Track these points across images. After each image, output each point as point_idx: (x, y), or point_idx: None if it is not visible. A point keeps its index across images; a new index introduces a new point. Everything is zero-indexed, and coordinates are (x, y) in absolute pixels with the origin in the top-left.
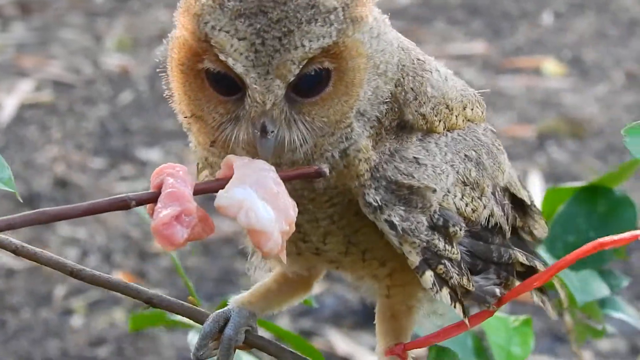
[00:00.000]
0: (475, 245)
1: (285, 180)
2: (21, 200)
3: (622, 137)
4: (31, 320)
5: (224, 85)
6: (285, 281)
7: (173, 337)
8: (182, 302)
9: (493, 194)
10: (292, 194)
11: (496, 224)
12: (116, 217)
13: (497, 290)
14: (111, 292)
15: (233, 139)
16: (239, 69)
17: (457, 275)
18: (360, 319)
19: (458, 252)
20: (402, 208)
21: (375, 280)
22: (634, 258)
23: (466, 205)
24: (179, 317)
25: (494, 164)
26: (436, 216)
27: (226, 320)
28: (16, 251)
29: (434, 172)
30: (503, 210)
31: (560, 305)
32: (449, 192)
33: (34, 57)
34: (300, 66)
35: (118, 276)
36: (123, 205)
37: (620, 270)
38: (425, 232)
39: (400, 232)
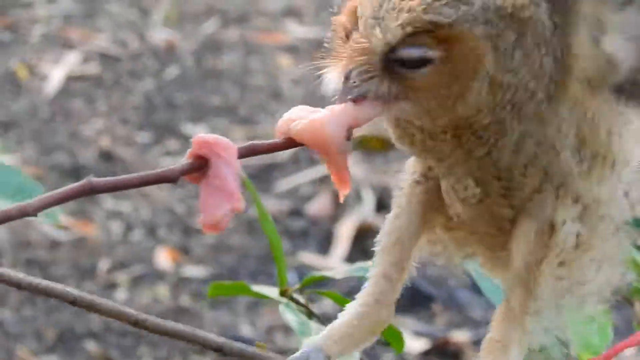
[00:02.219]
0: None
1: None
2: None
3: None
4: None
5: None
6: (367, 312)
7: (217, 314)
8: (254, 348)
9: None
10: None
11: None
12: (161, 191)
13: None
14: (155, 267)
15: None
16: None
17: None
18: (404, 303)
19: None
20: None
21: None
22: None
23: None
24: (258, 289)
25: None
26: None
27: None
28: (75, 302)
29: None
30: None
31: (636, 293)
32: None
33: (80, 30)
34: (404, 30)
35: (162, 252)
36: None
37: None
38: None
39: None
